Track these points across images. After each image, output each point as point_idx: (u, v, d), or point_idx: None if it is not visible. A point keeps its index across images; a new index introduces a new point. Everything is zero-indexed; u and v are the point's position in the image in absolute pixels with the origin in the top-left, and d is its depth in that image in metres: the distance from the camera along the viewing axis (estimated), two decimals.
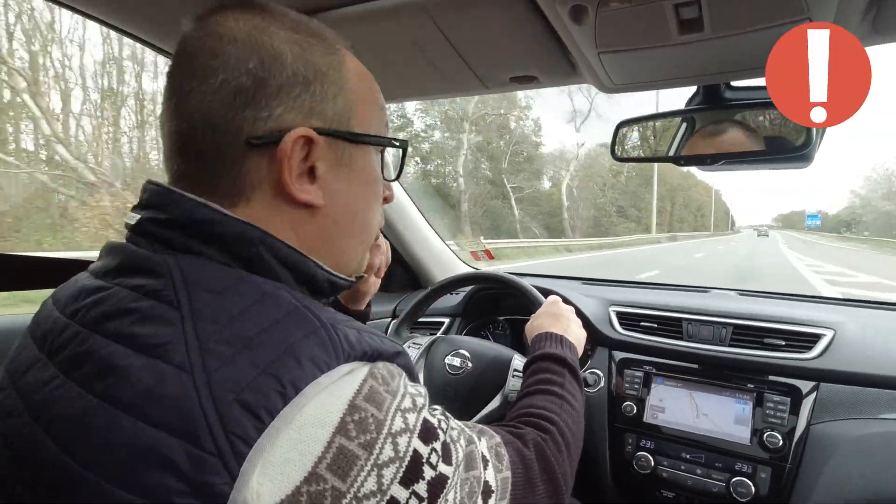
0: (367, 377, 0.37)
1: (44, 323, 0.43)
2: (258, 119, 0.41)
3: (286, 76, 0.42)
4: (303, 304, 0.38)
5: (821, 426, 0.93)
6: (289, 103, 0.42)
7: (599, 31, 0.66)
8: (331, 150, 0.45)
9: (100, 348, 0.36)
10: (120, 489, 0.30)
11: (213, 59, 0.41)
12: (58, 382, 0.36)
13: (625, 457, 1.06)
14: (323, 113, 0.44)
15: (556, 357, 0.72)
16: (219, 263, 0.40)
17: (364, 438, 0.34)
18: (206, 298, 0.36)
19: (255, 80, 0.41)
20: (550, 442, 0.57)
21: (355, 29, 0.79)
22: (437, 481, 0.37)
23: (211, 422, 0.31)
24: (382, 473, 0.34)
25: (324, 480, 0.32)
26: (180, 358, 0.33)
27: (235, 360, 0.33)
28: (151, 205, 0.42)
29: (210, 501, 0.30)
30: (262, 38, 0.42)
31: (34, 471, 0.34)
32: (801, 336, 1.03)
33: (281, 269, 0.43)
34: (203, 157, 0.42)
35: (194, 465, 0.30)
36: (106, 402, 0.33)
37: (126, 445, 0.31)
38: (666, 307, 1.19)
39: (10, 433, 0.38)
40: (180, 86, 0.42)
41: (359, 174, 0.48)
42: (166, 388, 0.32)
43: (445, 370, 0.99)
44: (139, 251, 0.41)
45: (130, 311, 0.37)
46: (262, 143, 0.41)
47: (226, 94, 0.40)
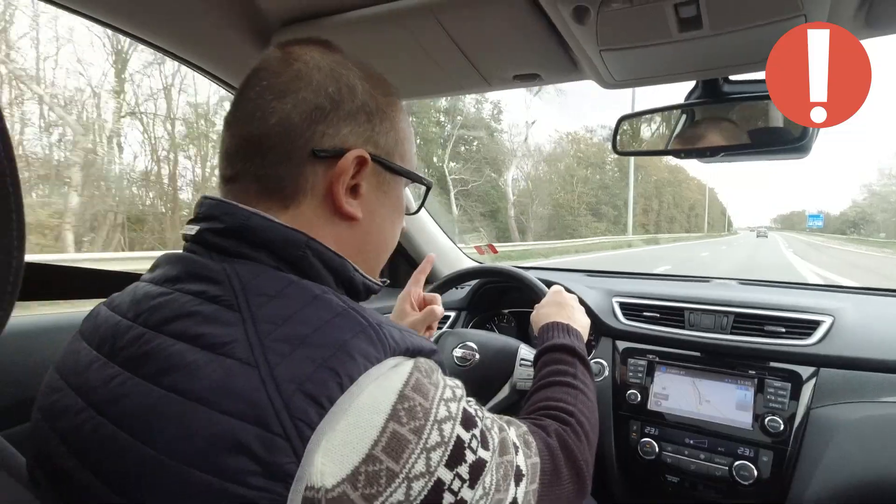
0: (413, 370, 0.40)
1: (102, 327, 0.46)
2: (327, 134, 0.47)
3: (356, 105, 0.49)
4: (350, 307, 0.42)
5: (821, 410, 0.96)
6: (354, 127, 0.49)
7: (601, 29, 0.68)
8: (375, 175, 0.51)
9: (166, 347, 0.39)
10: (199, 471, 0.33)
11: (298, 79, 0.47)
12: (122, 379, 0.39)
13: (629, 444, 1.09)
14: (377, 142, 0.51)
15: (565, 347, 0.75)
16: (270, 268, 0.44)
17: (414, 424, 0.37)
18: (262, 302, 0.40)
19: (332, 103, 0.48)
20: (571, 432, 0.60)
21: (363, 32, 0.80)
22: (478, 465, 0.41)
23: (278, 408, 0.34)
24: (430, 456, 0.37)
25: (379, 462, 0.35)
26: (245, 354, 0.36)
27: (294, 356, 0.36)
28: (209, 217, 0.47)
29: (278, 479, 0.33)
30: (341, 70, 0.49)
31: (107, 461, 0.37)
32: (800, 323, 1.06)
33: (324, 271, 0.47)
34: (269, 159, 0.47)
35: (265, 447, 0.33)
36: (175, 394, 0.36)
37: (203, 432, 0.34)
38: (668, 297, 1.21)
39: (68, 430, 0.41)
40: (259, 96, 0.47)
41: (392, 200, 0.55)
42: (235, 381, 0.35)
43: (454, 362, 1.01)
44: (199, 260, 0.45)
45: (193, 313, 0.40)
46: (325, 155, 0.47)
47: (305, 108, 0.47)
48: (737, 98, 0.87)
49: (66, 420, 0.41)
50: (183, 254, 0.47)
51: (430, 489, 0.37)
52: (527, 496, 0.49)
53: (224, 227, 0.45)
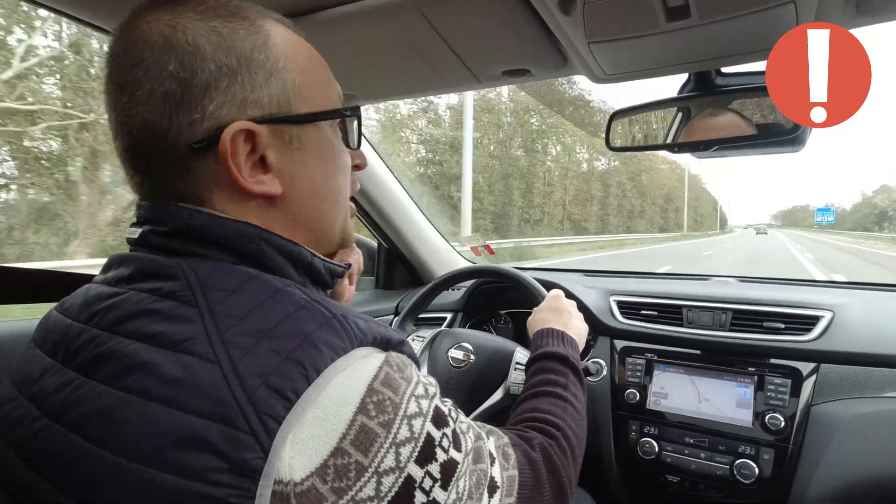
0: (383, 364, 0.39)
1: (53, 332, 0.44)
2: (193, 122, 0.40)
3: (209, 71, 0.40)
4: (313, 299, 0.40)
5: (822, 406, 0.94)
6: (219, 99, 0.40)
7: (588, 20, 0.68)
8: (276, 137, 0.43)
9: (121, 347, 0.37)
10: (162, 472, 0.32)
11: (134, 68, 0.40)
12: (78, 384, 0.38)
13: (629, 443, 1.08)
14: (258, 101, 0.42)
15: (558, 356, 0.73)
16: (227, 263, 0.42)
17: (383, 418, 0.36)
18: (222, 297, 0.38)
19: (180, 83, 0.40)
20: (556, 447, 0.58)
21: (348, 28, 0.80)
22: (449, 465, 0.39)
23: (242, 404, 0.33)
24: (400, 451, 0.36)
25: (348, 455, 0.34)
26: (205, 350, 0.35)
27: (257, 350, 0.35)
28: (149, 219, 0.44)
29: (246, 475, 0.32)
30: (176, 35, 0.40)
31: (65, 470, 0.36)
32: (800, 319, 1.04)
33: (282, 260, 0.44)
34: (153, 168, 0.42)
35: (231, 444, 0.32)
36: (134, 395, 0.35)
37: (165, 432, 0.33)
38: (666, 295, 1.20)
39: (23, 440, 0.39)
40: (115, 100, 0.42)
41: (313, 154, 0.46)
42: (196, 378, 0.34)
43: (449, 363, 1.00)
44: (150, 257, 0.43)
45: (150, 311, 0.38)
46: (204, 145, 0.41)
47: (155, 103, 0.40)
48: (729, 91, 0.87)
49: (21, 430, 0.39)
50: (135, 253, 0.44)
51: (401, 485, 0.36)
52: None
53: (168, 229, 0.42)
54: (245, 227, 0.43)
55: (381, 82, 1.01)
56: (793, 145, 0.85)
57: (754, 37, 0.70)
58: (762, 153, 0.95)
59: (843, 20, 0.67)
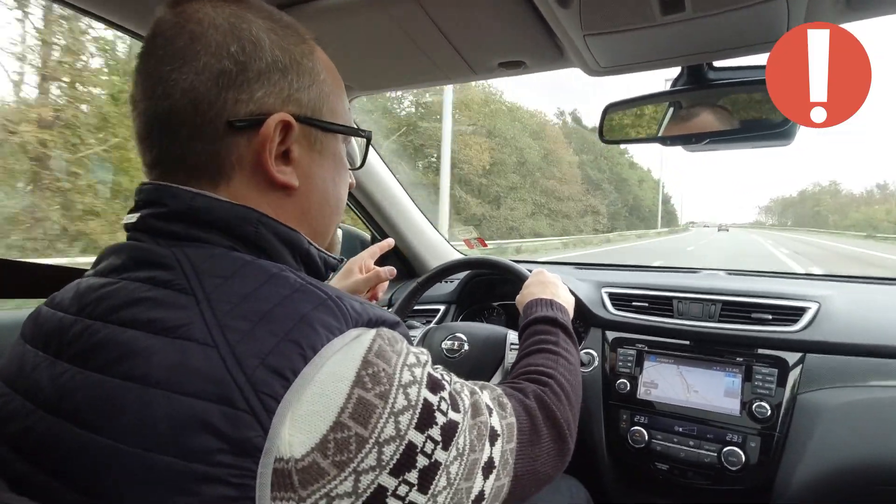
0: (376, 338, 0.40)
1: (45, 327, 0.43)
2: (240, 101, 0.43)
3: (266, 62, 0.44)
4: (308, 282, 0.41)
5: (807, 395, 0.96)
6: (268, 88, 0.44)
7: (584, 13, 0.68)
8: (304, 136, 0.47)
9: (116, 335, 0.37)
10: (163, 455, 0.32)
11: (194, 42, 0.42)
12: (71, 374, 0.38)
13: (619, 432, 1.09)
14: (299, 100, 0.46)
15: (547, 318, 0.74)
16: (223, 249, 0.42)
17: (379, 389, 0.37)
18: (217, 283, 0.38)
19: (237, 64, 0.43)
20: (550, 392, 0.59)
21: (344, 18, 0.80)
22: (449, 426, 0.41)
23: (241, 384, 0.33)
24: (399, 420, 0.37)
25: (347, 428, 0.35)
26: (202, 335, 0.35)
27: (255, 332, 0.35)
28: (150, 202, 0.44)
29: (247, 454, 0.32)
30: (241, 24, 0.44)
31: (64, 460, 0.36)
32: (787, 310, 1.06)
33: (280, 246, 0.45)
34: (182, 136, 0.43)
35: (231, 424, 0.33)
36: (131, 381, 0.35)
37: (164, 416, 0.33)
38: (657, 287, 1.22)
39: (18, 434, 0.39)
40: (159, 67, 0.43)
41: (328, 160, 0.50)
42: (194, 362, 0.34)
43: (443, 354, 1.01)
44: (144, 246, 0.43)
45: (144, 299, 0.38)
46: (244, 125, 0.43)
47: (209, 75, 0.42)
48: (721, 85, 0.88)
49: (15, 424, 0.39)
50: (127, 243, 0.45)
51: (403, 452, 0.37)
52: (504, 455, 0.48)
53: (168, 210, 0.43)
54: (244, 210, 0.43)
55: (377, 73, 1.01)
56: (782, 139, 0.87)
57: (747, 31, 0.71)
58: (752, 147, 0.97)
59: (833, 16, 0.68)
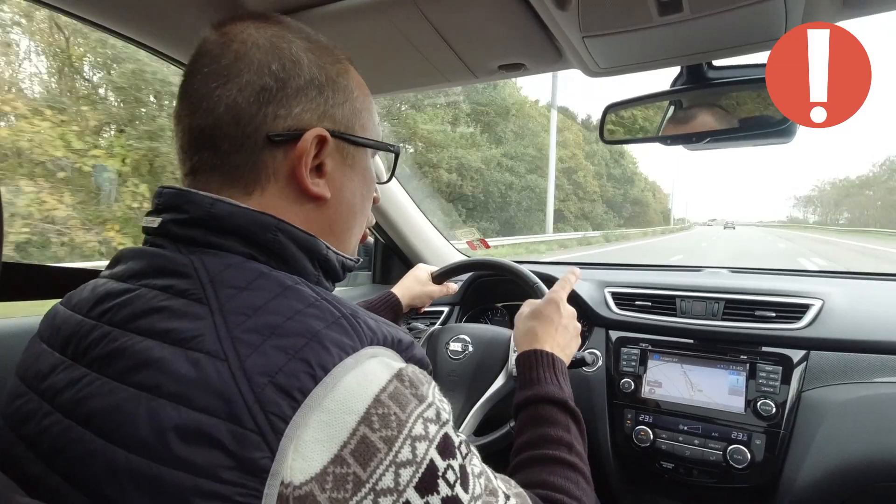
0: (394, 378, 0.38)
1: (63, 328, 0.44)
2: (279, 116, 0.45)
3: (304, 80, 0.46)
4: (323, 297, 0.41)
5: (812, 392, 0.96)
6: (306, 104, 0.47)
7: (583, 15, 0.69)
8: (337, 151, 0.49)
9: (133, 344, 0.38)
10: (170, 468, 0.32)
11: (238, 60, 0.45)
12: (89, 379, 0.38)
13: (624, 432, 1.10)
14: (333, 116, 0.49)
15: (555, 400, 0.67)
16: (241, 256, 0.43)
17: (385, 433, 0.35)
18: (232, 294, 0.39)
19: (278, 81, 0.45)
20: None
21: (345, 24, 0.80)
22: (452, 501, 0.37)
23: (249, 402, 0.33)
24: (399, 473, 0.35)
25: (347, 465, 0.34)
26: (213, 347, 0.35)
27: (265, 347, 0.35)
28: (171, 207, 0.45)
29: (254, 474, 0.32)
30: (282, 44, 0.46)
31: (76, 464, 0.36)
32: (790, 307, 1.06)
33: (298, 252, 0.46)
34: (223, 149, 0.45)
35: (238, 442, 0.32)
36: (145, 391, 0.35)
37: (173, 429, 0.33)
38: (660, 286, 1.22)
39: (34, 435, 0.40)
40: (203, 84, 0.45)
41: (359, 173, 0.53)
42: (204, 375, 0.34)
43: (448, 356, 1.01)
44: (164, 253, 0.43)
45: (161, 309, 0.39)
46: (282, 139, 0.45)
47: (251, 92, 0.45)
48: (721, 83, 0.88)
49: (32, 425, 0.40)
50: (147, 248, 0.46)
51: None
52: None
53: (188, 216, 0.44)
54: (263, 217, 0.44)
55: (378, 77, 1.01)
56: (782, 136, 0.87)
57: (745, 30, 0.71)
58: (752, 145, 0.97)
59: (831, 14, 0.69)
